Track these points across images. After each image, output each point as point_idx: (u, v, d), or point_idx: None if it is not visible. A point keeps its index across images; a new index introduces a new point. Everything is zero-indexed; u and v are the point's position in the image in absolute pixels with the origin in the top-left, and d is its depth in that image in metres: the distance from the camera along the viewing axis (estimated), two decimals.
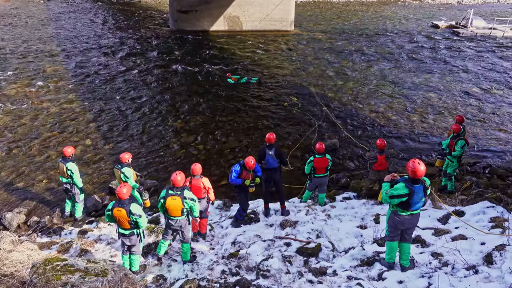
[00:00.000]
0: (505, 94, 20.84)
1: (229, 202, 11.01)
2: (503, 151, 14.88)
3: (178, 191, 7.41)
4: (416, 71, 24.68)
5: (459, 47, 30.94)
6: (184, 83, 21.87)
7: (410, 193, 5.93)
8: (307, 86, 21.64)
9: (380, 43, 31.78)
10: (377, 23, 40.19)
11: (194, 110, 18.12)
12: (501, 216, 8.13)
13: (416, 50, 29.75)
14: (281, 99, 19.52)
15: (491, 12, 48.12)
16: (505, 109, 18.78)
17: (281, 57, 27.07)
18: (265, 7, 34.02)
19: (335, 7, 49.92)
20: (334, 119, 17.13)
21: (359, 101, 19.61)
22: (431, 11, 49.77)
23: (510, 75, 24.00)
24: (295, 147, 14.64)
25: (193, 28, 33.53)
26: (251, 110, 18.29)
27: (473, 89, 21.51)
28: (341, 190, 11.87)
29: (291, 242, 8.32)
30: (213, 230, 9.36)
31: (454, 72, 24.54)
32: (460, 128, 10.48)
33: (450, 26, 38.25)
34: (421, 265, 6.60)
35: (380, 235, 7.91)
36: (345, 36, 33.77)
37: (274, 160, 9.45)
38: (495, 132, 16.38)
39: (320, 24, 38.54)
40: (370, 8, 50.11)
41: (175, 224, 7.60)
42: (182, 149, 14.72)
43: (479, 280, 5.65)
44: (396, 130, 16.55)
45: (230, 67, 24.47)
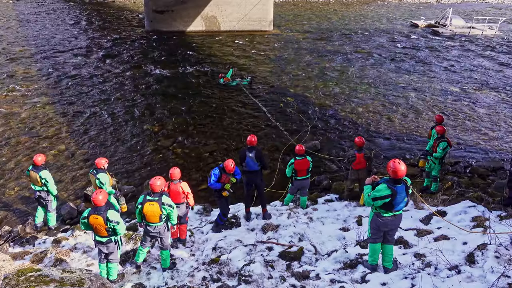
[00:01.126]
0: (484, 93, 21.33)
1: (209, 206, 10.98)
2: (483, 150, 15.21)
3: (156, 196, 7.37)
4: (396, 70, 25.07)
5: (438, 46, 31.54)
6: (161, 85, 21.75)
7: (393, 194, 6.00)
8: (287, 87, 21.75)
9: (360, 42, 32.17)
10: (356, 22, 40.70)
11: (172, 113, 18.03)
12: (482, 215, 8.31)
13: (396, 49, 30.22)
14: (261, 100, 19.57)
15: (469, 11, 49.18)
16: (484, 108, 19.21)
17: (260, 58, 27.16)
18: (243, 7, 34.10)
19: (314, 7, 50.37)
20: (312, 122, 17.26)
21: (339, 101, 19.81)
22: (411, 10, 50.64)
23: (489, 74, 24.57)
24: (284, 148, 14.67)
25: (169, 29, 33.39)
26: (231, 112, 18.30)
27: (453, 88, 21.95)
28: (323, 192, 11.96)
29: (273, 246, 8.33)
30: (193, 235, 9.32)
31: (434, 71, 25.01)
32: (444, 129, 10.65)
33: (430, 25, 39.00)
34: (404, 266, 6.70)
35: (362, 237, 7.99)
36: (325, 36, 34.09)
37: (255, 163, 9.45)
38: (475, 131, 16.73)
39: (299, 24, 38.83)
40: (350, 7, 50.71)
41: (154, 230, 7.54)
42: (159, 153, 14.63)
43: (462, 280, 5.76)
44: (377, 130, 16.77)
45: (208, 69, 24.42)
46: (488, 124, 17.48)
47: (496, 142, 15.84)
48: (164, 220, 7.55)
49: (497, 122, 17.68)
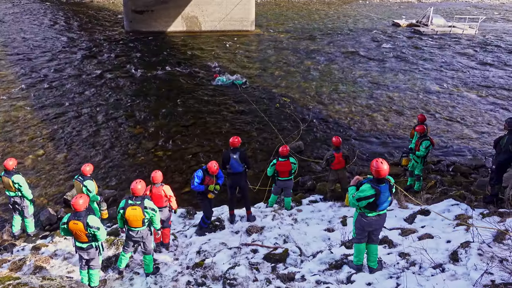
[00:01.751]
0: (466, 92, 21.69)
1: (192, 210, 10.94)
2: (465, 148, 15.46)
3: (138, 200, 7.32)
4: (379, 70, 25.33)
5: (420, 45, 31.97)
6: (142, 86, 21.60)
7: (377, 193, 6.07)
8: (270, 87, 21.81)
9: (342, 42, 32.43)
10: (338, 22, 41.02)
11: (153, 115, 17.93)
12: (465, 213, 8.46)
13: (378, 49, 30.53)
14: (244, 101, 19.59)
15: (450, 10, 49.96)
16: (466, 107, 19.54)
17: (243, 58, 27.19)
18: (225, 6, 34.09)
19: (296, 6, 50.60)
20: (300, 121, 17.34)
21: (323, 101, 19.93)
22: (392, 9, 51.24)
23: (470, 73, 25.00)
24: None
25: (149, 29, 33.19)
26: (214, 113, 18.27)
27: (435, 87, 22.27)
28: (308, 193, 12.02)
29: (258, 249, 8.35)
30: (177, 239, 9.28)
31: (416, 70, 25.34)
32: (424, 129, 10.80)
33: (411, 24, 39.51)
34: (389, 266, 6.78)
35: (347, 237, 8.06)
36: (307, 35, 34.27)
37: (239, 164, 9.45)
38: (457, 130, 17.00)
39: (282, 24, 38.97)
40: (331, 7, 51.08)
41: (136, 235, 7.49)
42: (141, 156, 14.53)
43: (446, 278, 5.85)
44: (360, 130, 16.92)
45: (189, 69, 24.34)
46: (470, 122, 17.77)
47: (478, 140, 16.12)
48: (147, 224, 7.51)
49: (478, 120, 17.99)
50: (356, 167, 13.70)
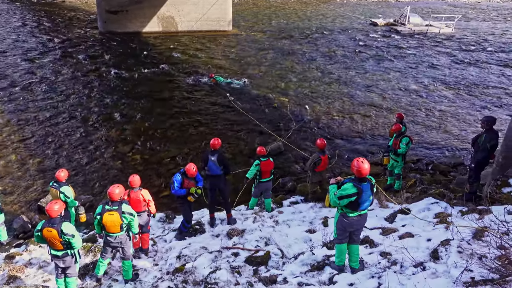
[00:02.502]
0: (444, 90, 22.11)
1: (171, 214, 10.88)
2: (444, 146, 15.76)
3: (116, 205, 7.25)
4: (358, 69, 25.62)
5: (398, 44, 32.44)
6: (118, 88, 21.40)
7: (359, 192, 6.14)
8: (249, 88, 21.84)
9: (320, 42, 32.68)
10: (316, 21, 41.31)
11: (130, 117, 17.78)
12: (444, 211, 8.62)
13: (356, 48, 30.87)
14: (222, 103, 19.58)
15: (426, 9, 50.81)
16: (444, 105, 19.92)
17: (220, 59, 27.18)
18: (201, 6, 34.01)
19: (273, 6, 50.79)
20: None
21: (302, 101, 20.05)
22: (369, 8, 51.85)
23: (447, 72, 25.48)
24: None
25: (124, 30, 32.91)
26: (192, 114, 18.21)
27: (413, 86, 22.64)
28: (288, 194, 12.08)
29: (239, 252, 8.36)
30: (156, 244, 9.22)
31: (394, 69, 25.71)
32: (400, 127, 10.96)
33: (389, 23, 40.08)
34: (371, 265, 6.86)
35: (329, 238, 8.13)
36: (285, 35, 34.44)
37: (217, 166, 9.43)
38: (436, 128, 17.32)
39: (259, 24, 39.08)
40: (309, 6, 51.42)
41: (115, 240, 7.42)
42: (118, 160, 14.40)
43: (427, 276, 5.96)
44: (340, 129, 17.08)
45: (166, 70, 24.22)
46: (448, 120, 18.12)
47: (456, 138, 16.44)
48: (125, 229, 7.44)
49: (456, 118, 18.36)
50: (337, 167, 13.82)
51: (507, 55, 29.96)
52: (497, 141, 9.19)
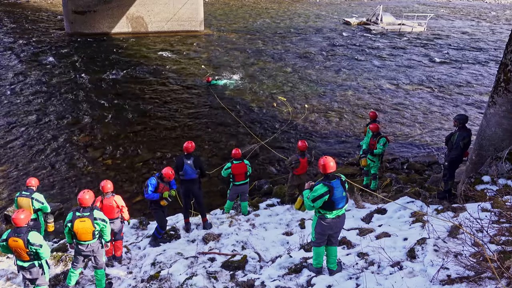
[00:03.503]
0: (417, 89, 22.57)
1: (145, 220, 10.79)
2: (419, 145, 16.09)
3: (87, 212, 7.13)
4: (332, 69, 25.91)
5: (371, 44, 32.93)
6: (86, 92, 21.07)
7: (330, 190, 6.25)
8: (222, 89, 21.83)
9: (293, 41, 32.90)
10: (289, 21, 41.58)
11: (100, 121, 17.55)
12: (420, 210, 8.81)
13: (329, 48, 31.20)
14: (196, 105, 19.53)
15: (398, 8, 51.71)
16: (418, 104, 20.33)
17: (192, 60, 27.06)
18: (172, 6, 33.81)
19: (246, 5, 50.87)
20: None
21: (276, 102, 20.15)
22: (342, 7, 52.46)
23: (420, 70, 26.02)
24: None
25: (92, 31, 32.45)
26: (164, 117, 18.11)
27: (387, 85, 23.03)
28: (264, 197, 12.12)
29: (216, 257, 8.35)
30: (130, 252, 9.14)
31: (368, 68, 26.10)
32: (378, 127, 11.15)
33: (362, 23, 40.64)
34: (348, 267, 6.95)
35: (306, 240, 8.21)
36: (258, 35, 34.54)
37: (193, 170, 9.42)
38: (410, 127, 17.66)
39: (232, 24, 39.08)
40: (282, 5, 51.68)
41: (86, 249, 7.31)
42: (88, 166, 14.21)
43: (404, 275, 6.07)
44: (315, 130, 17.24)
45: (136, 73, 24.00)
46: (422, 119, 18.50)
47: (430, 137, 16.81)
48: (97, 236, 7.35)
49: (430, 117, 18.76)
50: (313, 168, 13.94)
51: (478, 53, 30.78)
52: (470, 139, 9.47)
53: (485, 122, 9.32)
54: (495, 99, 8.91)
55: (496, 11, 54.30)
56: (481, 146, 9.38)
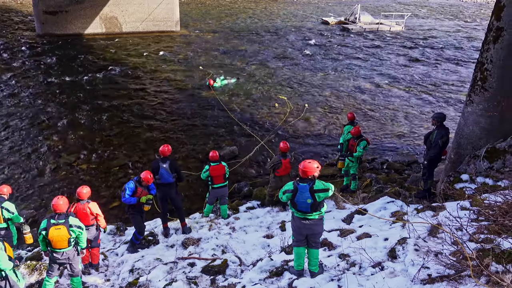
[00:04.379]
0: (395, 88, 22.88)
1: (122, 225, 10.71)
2: (398, 145, 16.32)
3: (62, 218, 7.03)
4: (310, 69, 26.08)
5: (350, 43, 33.26)
6: (59, 95, 20.76)
7: (294, 190, 6.43)
8: (200, 90, 21.77)
9: (271, 41, 33.01)
10: (267, 20, 41.69)
11: (74, 125, 17.32)
12: (400, 209, 8.93)
13: (308, 47, 31.38)
14: (174, 107, 19.44)
15: (376, 7, 52.32)
16: (396, 103, 20.61)
17: (169, 61, 26.92)
18: (146, 6, 33.56)
19: (222, 5, 50.81)
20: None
21: (255, 103, 20.20)
22: (320, 7, 52.81)
23: (398, 70, 26.39)
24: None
25: (64, 32, 31.97)
26: (141, 120, 17.97)
27: (365, 85, 23.28)
28: (244, 199, 12.13)
29: (196, 262, 8.33)
30: (107, 259, 9.05)
31: (347, 68, 26.35)
32: (360, 130, 11.26)
33: (340, 22, 40.97)
34: (330, 268, 7.01)
35: (287, 242, 8.25)
36: (236, 35, 34.55)
37: (169, 174, 9.39)
38: (389, 127, 17.90)
39: (208, 24, 38.99)
40: (259, 5, 51.79)
41: (62, 257, 7.21)
42: (62, 171, 14.01)
43: (385, 276, 6.15)
44: (295, 131, 17.32)
45: (110, 74, 23.76)
46: (400, 119, 18.76)
47: (409, 136, 17.06)
48: (73, 244, 7.25)
49: (408, 116, 19.04)
50: (293, 170, 13.99)
51: (455, 52, 31.37)
52: (448, 137, 9.64)
53: (463, 120, 9.52)
54: (472, 98, 9.11)
55: (473, 9, 55.38)
56: (459, 145, 9.58)
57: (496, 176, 8.39)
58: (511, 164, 8.30)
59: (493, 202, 6.96)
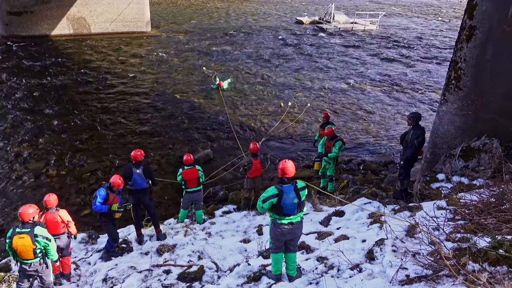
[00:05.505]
0: (370, 88, 23.20)
1: (94, 233, 10.56)
2: (374, 145, 16.54)
3: (27, 227, 6.88)
4: (284, 69, 26.22)
5: (324, 43, 33.56)
6: (25, 98, 20.37)
7: (279, 193, 6.35)
8: (172, 93, 21.67)
9: (244, 42, 33.06)
10: (240, 20, 41.75)
11: (42, 130, 17.01)
12: (378, 210, 9.06)
13: (282, 48, 31.55)
14: (146, 110, 19.29)
15: (350, 6, 52.93)
16: (372, 103, 20.90)
17: (139, 63, 26.70)
18: (116, 6, 33.21)
19: (194, 5, 50.64)
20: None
21: (229, 105, 20.19)
22: (293, 6, 53.15)
23: (373, 69, 26.76)
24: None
25: (30, 33, 31.37)
26: (112, 124, 17.78)
27: (340, 85, 23.54)
28: (220, 204, 12.14)
29: (171, 269, 8.30)
30: (79, 268, 8.93)
31: (321, 68, 26.58)
32: (333, 131, 11.38)
33: (314, 21, 41.29)
34: (308, 272, 7.06)
35: (264, 246, 8.27)
36: (208, 36, 34.48)
37: (143, 179, 9.32)
38: (365, 127, 18.13)
39: (180, 24, 38.82)
40: (232, 5, 51.80)
41: (30, 268, 7.07)
42: (31, 178, 13.76)
43: (364, 278, 6.23)
44: (269, 133, 17.37)
45: (79, 77, 23.43)
46: (376, 119, 19.03)
47: (385, 136, 17.32)
48: (40, 255, 7.10)
49: (384, 116, 19.33)
50: (269, 171, 14.06)
51: (429, 51, 32.01)
52: (424, 137, 9.83)
53: (438, 120, 9.71)
54: (446, 97, 9.30)
55: (446, 8, 56.53)
56: (435, 144, 9.76)
57: (472, 175, 8.59)
58: (485, 163, 8.50)
59: (469, 201, 7.14)
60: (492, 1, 8.24)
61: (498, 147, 8.43)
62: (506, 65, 8.16)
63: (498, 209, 6.32)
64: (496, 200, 6.71)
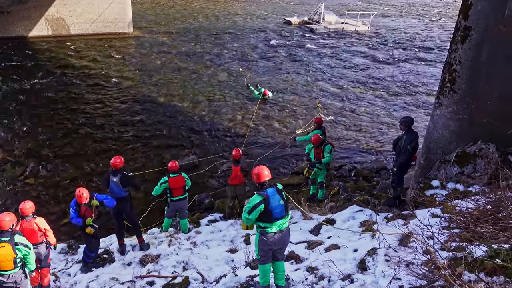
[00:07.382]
0: (362, 91, 23.31)
1: (74, 243, 10.47)
2: (366, 150, 16.60)
3: (7, 236, 6.82)
4: (273, 71, 26.27)
5: (314, 44, 33.67)
6: (1, 103, 20.16)
7: (265, 199, 6.33)
8: (156, 96, 21.59)
9: (231, 43, 33.07)
10: (226, 21, 41.77)
11: (20, 136, 16.85)
12: (370, 219, 9.07)
13: (271, 49, 31.61)
14: (129, 115, 19.19)
15: (340, 6, 53.24)
16: (363, 107, 20.98)
17: (121, 65, 26.57)
18: (96, 6, 33.00)
19: (178, 4, 50.52)
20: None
21: (215, 109, 20.17)
22: (282, 6, 53.30)
23: (365, 72, 26.91)
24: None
25: (6, 34, 31.02)
26: (93, 130, 17.66)
27: (331, 88, 23.61)
28: (206, 212, 12.10)
29: (155, 280, 8.25)
30: (59, 280, 8.84)
31: (311, 71, 26.66)
32: (320, 138, 11.39)
33: (303, 22, 41.37)
34: (297, 283, 7.03)
35: (252, 256, 8.24)
36: (193, 37, 34.43)
37: (120, 188, 9.27)
38: (357, 132, 18.20)
39: (163, 25, 38.71)
40: (217, 4, 51.81)
41: (8, 280, 6.96)
42: (7, 186, 13.62)
43: None
44: (257, 138, 17.38)
45: (58, 80, 23.24)
46: (368, 123, 19.11)
47: (377, 141, 17.38)
48: (19, 265, 7.02)
49: (376, 121, 19.42)
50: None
51: (422, 52, 32.26)
52: (418, 142, 9.85)
53: (432, 124, 9.74)
54: (441, 100, 9.34)
55: (439, 8, 57.10)
56: (429, 150, 9.79)
57: (467, 181, 8.62)
58: (481, 169, 8.54)
59: (465, 208, 7.15)
60: (488, 0, 8.28)
61: (495, 152, 8.46)
62: (502, 67, 8.18)
63: (494, 216, 6.33)
64: (492, 207, 6.73)
